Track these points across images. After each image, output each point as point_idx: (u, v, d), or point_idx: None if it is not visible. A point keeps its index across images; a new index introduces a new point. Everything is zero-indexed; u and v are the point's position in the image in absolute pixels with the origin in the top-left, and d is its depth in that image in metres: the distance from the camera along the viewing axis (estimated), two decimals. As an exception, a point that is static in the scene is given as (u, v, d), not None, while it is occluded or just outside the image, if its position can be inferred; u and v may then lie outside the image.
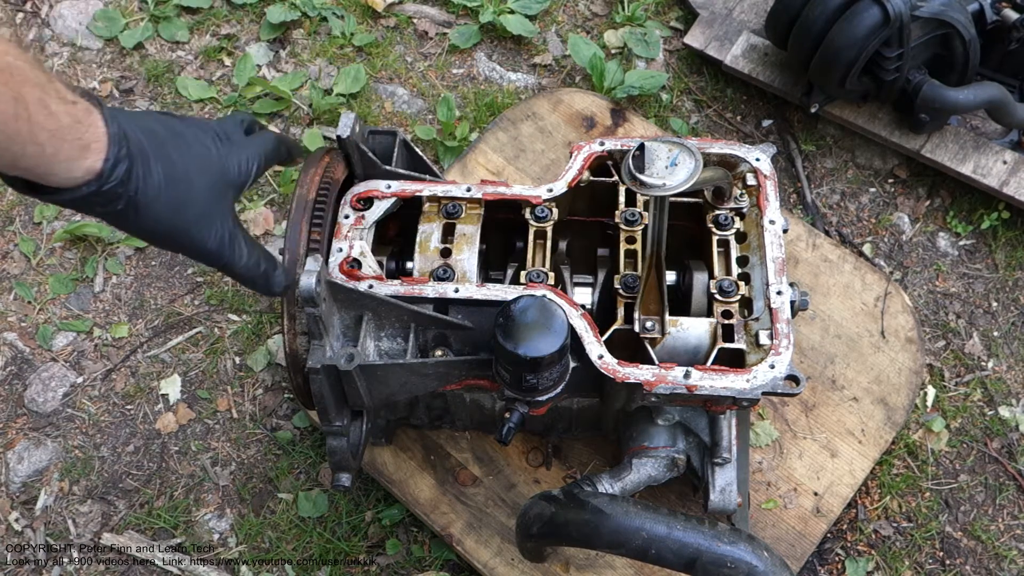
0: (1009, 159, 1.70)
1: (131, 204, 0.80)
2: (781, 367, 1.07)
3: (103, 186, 0.77)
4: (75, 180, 0.76)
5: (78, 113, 0.74)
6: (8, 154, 0.71)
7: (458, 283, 1.15)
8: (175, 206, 0.83)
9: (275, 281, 0.97)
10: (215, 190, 0.88)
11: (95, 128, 0.76)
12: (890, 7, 1.53)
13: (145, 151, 0.81)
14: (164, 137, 0.84)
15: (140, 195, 0.80)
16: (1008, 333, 1.68)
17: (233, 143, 0.92)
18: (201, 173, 0.86)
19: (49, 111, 0.71)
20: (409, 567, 1.50)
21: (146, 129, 0.82)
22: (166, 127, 0.86)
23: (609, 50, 1.98)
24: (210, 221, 0.87)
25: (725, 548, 1.07)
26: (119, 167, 0.77)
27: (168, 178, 0.82)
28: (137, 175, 0.79)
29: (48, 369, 1.68)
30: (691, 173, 1.01)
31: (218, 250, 0.89)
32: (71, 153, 0.74)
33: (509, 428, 1.11)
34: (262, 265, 0.94)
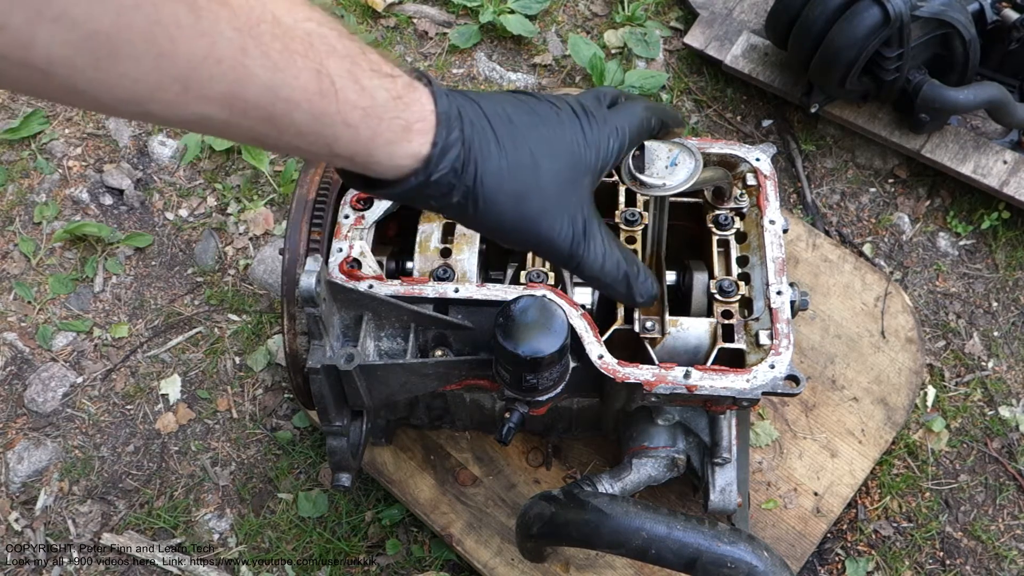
0: (1009, 159, 1.70)
1: (470, 196, 0.69)
2: (781, 367, 1.07)
3: (432, 175, 0.66)
4: (400, 169, 0.66)
5: (397, 88, 0.64)
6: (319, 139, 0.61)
7: (458, 283, 1.15)
8: (520, 196, 0.72)
9: (638, 288, 0.84)
10: (567, 177, 0.75)
11: (419, 106, 0.66)
12: (890, 7, 1.53)
13: (484, 133, 0.70)
14: (508, 116, 0.73)
15: (479, 185, 0.69)
16: (1008, 333, 1.68)
17: (592, 119, 0.79)
18: (551, 157, 0.74)
19: (360, 86, 0.61)
20: (409, 567, 1.50)
21: (487, 109, 0.71)
22: (514, 105, 0.75)
23: (609, 50, 1.98)
24: (561, 212, 0.75)
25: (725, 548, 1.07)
26: (450, 152, 0.67)
27: (511, 164, 0.71)
28: (474, 162, 0.68)
29: (48, 369, 1.68)
30: (691, 173, 1.01)
31: (570, 247, 0.77)
32: (391, 135, 0.64)
33: (509, 428, 1.11)
34: (623, 267, 0.82)
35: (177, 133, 1.92)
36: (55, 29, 0.48)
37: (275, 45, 0.56)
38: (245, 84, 0.56)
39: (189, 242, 1.81)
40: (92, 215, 1.84)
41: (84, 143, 1.93)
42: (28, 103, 1.96)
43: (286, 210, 1.76)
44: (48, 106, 1.96)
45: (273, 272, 1.73)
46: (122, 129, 1.94)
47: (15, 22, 0.47)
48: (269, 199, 1.83)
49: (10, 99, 1.97)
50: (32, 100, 1.97)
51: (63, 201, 1.85)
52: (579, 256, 0.78)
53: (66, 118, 1.95)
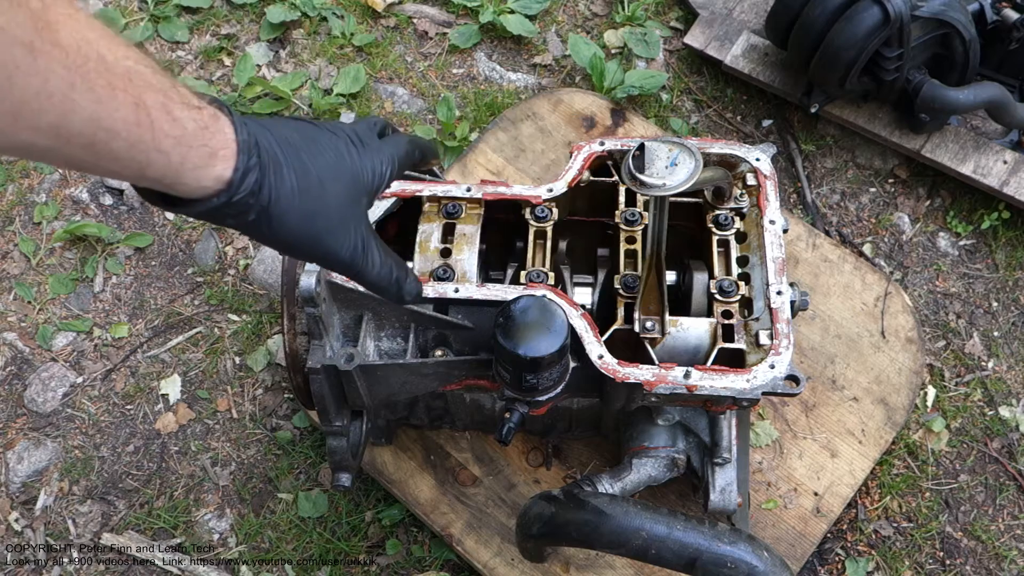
0: (1009, 159, 1.70)
1: (264, 215, 0.76)
2: (781, 367, 1.07)
3: (233, 196, 0.73)
4: (205, 190, 0.72)
5: (204, 118, 0.70)
6: (133, 163, 0.67)
7: (458, 283, 1.15)
8: (308, 215, 0.79)
9: (406, 289, 0.93)
10: (348, 197, 0.84)
11: (223, 134, 0.72)
12: (890, 7, 1.53)
13: (277, 159, 0.77)
14: (297, 143, 0.80)
15: (273, 205, 0.76)
16: (1008, 333, 1.68)
17: (366, 147, 0.88)
18: (334, 180, 0.82)
19: (173, 117, 0.67)
20: (409, 567, 1.50)
21: (278, 136, 0.79)
22: (299, 133, 0.82)
23: (609, 50, 1.98)
24: (344, 230, 0.84)
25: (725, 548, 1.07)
26: (249, 176, 0.73)
27: (301, 187, 0.78)
28: (269, 184, 0.76)
29: (48, 369, 1.68)
30: (691, 173, 1.01)
31: (351, 259, 0.85)
32: (198, 161, 0.70)
33: (509, 428, 1.11)
34: (394, 273, 0.91)
35: (177, 133, 1.92)
36: None
37: (100, 81, 0.61)
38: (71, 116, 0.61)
39: (189, 242, 1.81)
40: (92, 215, 1.84)
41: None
42: (28, 103, 1.96)
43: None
44: (48, 106, 1.96)
45: (273, 272, 1.74)
46: (122, 129, 1.93)
47: None
48: (269, 199, 1.84)
49: (10, 99, 1.97)
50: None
51: (63, 201, 1.85)
52: (359, 266, 0.86)
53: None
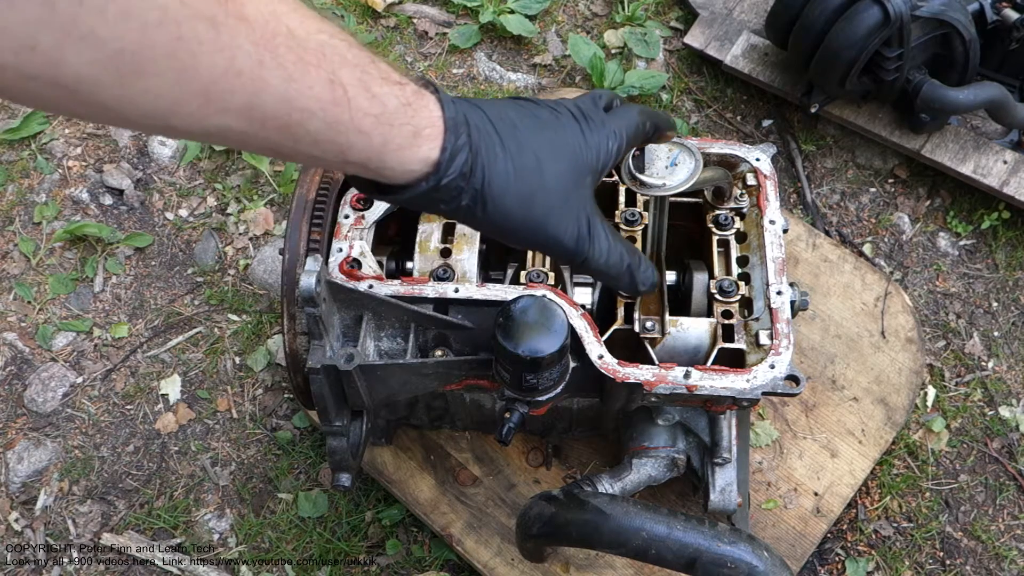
0: (1009, 159, 1.70)
1: (478, 199, 0.72)
2: (781, 367, 1.07)
3: (443, 179, 0.69)
4: (411, 173, 0.68)
5: (407, 95, 0.66)
6: (333, 146, 0.63)
7: (458, 283, 1.15)
8: (527, 197, 0.75)
9: (640, 278, 0.88)
10: (570, 177, 0.79)
11: (427, 112, 0.68)
12: (890, 7, 1.53)
13: (491, 137, 0.72)
14: (512, 120, 0.76)
15: (487, 188, 0.72)
16: (1008, 333, 1.68)
17: (590, 122, 0.83)
18: (554, 159, 0.77)
19: (372, 94, 0.63)
20: (409, 567, 1.50)
21: (492, 113, 0.74)
22: (515, 110, 0.77)
23: (609, 50, 1.98)
24: (566, 212, 0.78)
25: (725, 548, 1.07)
26: (458, 157, 0.69)
27: (517, 167, 0.74)
28: (482, 165, 0.71)
29: (48, 369, 1.68)
30: (691, 173, 1.01)
31: (576, 245, 0.80)
32: (402, 141, 0.66)
33: (509, 428, 1.11)
34: (626, 260, 0.86)
35: (177, 133, 1.92)
36: (83, 48, 0.49)
37: (290, 57, 0.58)
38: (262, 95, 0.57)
39: (189, 242, 1.81)
40: (92, 215, 1.84)
41: (84, 143, 1.93)
42: (28, 103, 1.96)
43: (286, 210, 1.76)
44: (48, 106, 1.96)
45: (273, 272, 1.73)
46: (122, 129, 1.93)
47: (45, 42, 0.48)
48: (269, 199, 1.83)
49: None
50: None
51: (63, 201, 1.85)
52: (584, 253, 0.81)
53: (66, 118, 1.94)
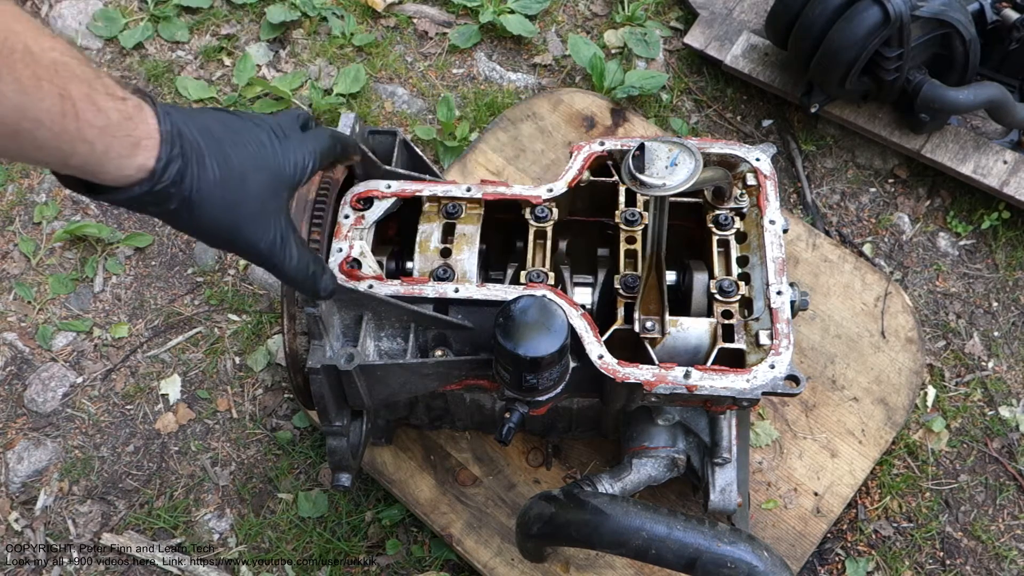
0: (1009, 159, 1.70)
1: (185, 204, 0.77)
2: (781, 367, 1.07)
3: (155, 186, 0.74)
4: (127, 179, 0.73)
5: (128, 109, 0.72)
6: (58, 152, 0.68)
7: (458, 283, 1.15)
8: (229, 205, 0.81)
9: (321, 285, 0.96)
10: (270, 189, 0.86)
11: (146, 125, 0.73)
12: (890, 7, 1.53)
13: (200, 149, 0.78)
14: (220, 134, 0.82)
15: (195, 195, 0.77)
16: (1008, 333, 1.68)
17: (289, 139, 0.89)
18: (256, 171, 0.84)
19: (97, 107, 0.69)
20: (409, 567, 1.50)
21: (202, 127, 0.80)
22: (223, 124, 0.84)
23: (609, 50, 1.98)
24: (264, 221, 0.85)
25: (725, 548, 1.07)
26: (172, 166, 0.75)
27: (223, 177, 0.80)
28: (192, 174, 0.77)
29: (48, 369, 1.68)
30: (691, 173, 1.01)
31: (269, 251, 0.87)
32: (121, 150, 0.71)
33: (509, 428, 1.11)
34: (311, 268, 0.93)
35: (177, 133, 1.92)
36: None
37: (25, 72, 0.63)
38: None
39: (189, 242, 1.81)
40: (92, 215, 1.84)
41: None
42: (28, 103, 1.96)
43: (286, 210, 1.76)
44: (48, 106, 1.96)
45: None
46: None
47: None
48: (269, 199, 1.83)
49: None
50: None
51: (63, 201, 1.85)
52: (277, 258, 0.88)
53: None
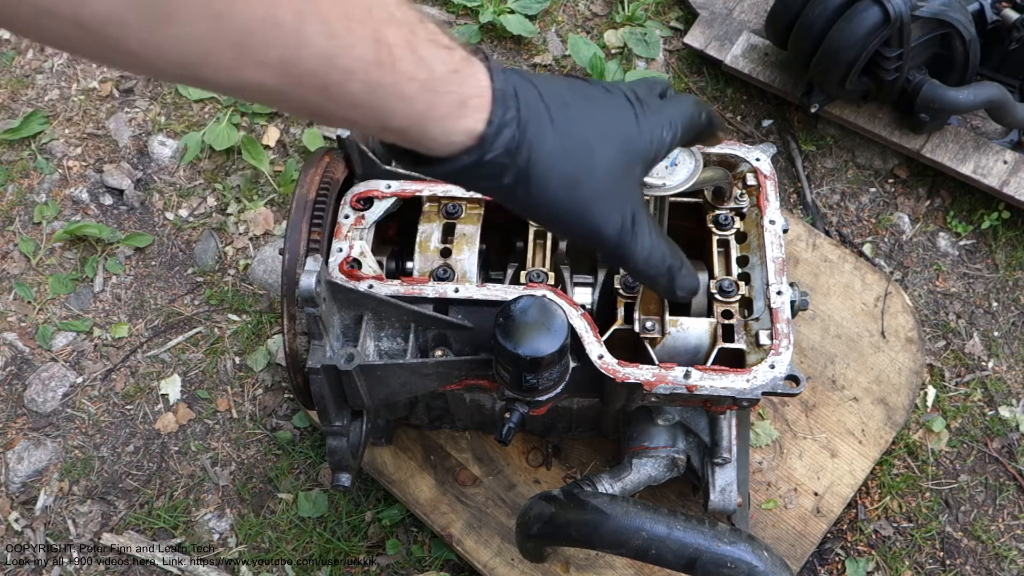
0: (1009, 159, 1.70)
1: (521, 178, 0.67)
2: (781, 367, 1.07)
3: (486, 155, 0.64)
4: (454, 145, 0.63)
5: (455, 61, 0.62)
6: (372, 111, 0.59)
7: (458, 283, 1.15)
8: (573, 182, 0.70)
9: (680, 281, 0.82)
10: (620, 164, 0.73)
11: (476, 81, 0.63)
12: (890, 7, 1.53)
13: (540, 115, 0.68)
14: (565, 99, 0.71)
15: (532, 167, 0.67)
16: (1008, 333, 1.68)
17: (646, 108, 0.77)
18: (604, 142, 0.72)
19: (418, 57, 0.59)
20: (409, 567, 1.50)
21: (545, 90, 0.69)
22: (570, 89, 0.73)
23: (609, 50, 1.98)
24: (612, 200, 0.73)
25: (725, 548, 1.07)
26: (504, 132, 0.65)
27: (565, 148, 0.69)
28: (529, 143, 0.66)
29: (48, 369, 1.68)
30: (691, 173, 1.01)
31: (618, 237, 0.75)
32: (446, 109, 0.61)
33: (509, 428, 1.11)
34: (667, 260, 0.80)
35: (177, 133, 1.92)
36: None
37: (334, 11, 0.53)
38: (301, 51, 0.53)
39: (189, 242, 1.81)
40: (92, 215, 1.84)
41: (84, 143, 1.93)
42: (28, 103, 1.96)
43: (286, 210, 1.76)
44: (48, 106, 1.96)
45: (273, 272, 1.73)
46: (122, 129, 1.94)
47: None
48: (269, 199, 1.83)
49: (10, 99, 1.97)
50: (33, 99, 1.96)
51: (63, 201, 1.85)
52: (625, 246, 0.76)
53: (66, 118, 1.95)
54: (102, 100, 1.97)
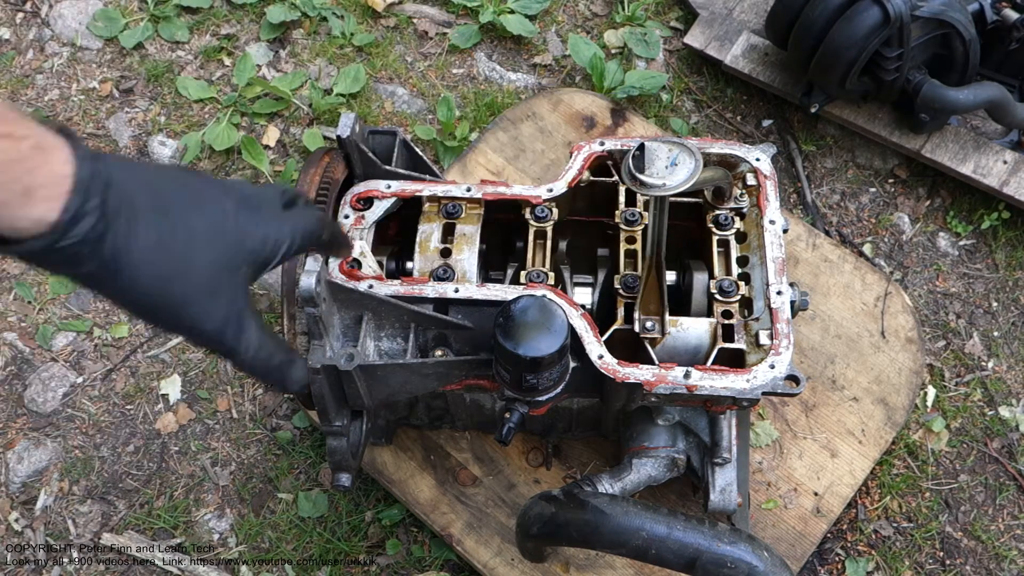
0: (1009, 159, 1.70)
1: (105, 269, 0.66)
2: (781, 367, 1.07)
3: (58, 242, 0.63)
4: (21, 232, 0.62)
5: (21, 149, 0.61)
6: None
7: (458, 283, 1.15)
8: (165, 277, 0.69)
9: (291, 377, 0.84)
10: (223, 264, 0.74)
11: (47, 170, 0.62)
12: (890, 7, 1.53)
13: (134, 207, 0.67)
14: (170, 194, 0.71)
15: (119, 258, 0.66)
16: (1008, 333, 1.68)
17: (262, 214, 0.78)
18: (209, 242, 0.72)
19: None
20: (409, 567, 1.50)
21: (146, 182, 0.70)
22: (178, 183, 0.73)
23: (609, 50, 1.98)
24: (211, 300, 0.73)
25: (725, 548, 1.07)
26: (84, 221, 0.63)
27: (161, 244, 0.68)
28: (116, 234, 0.65)
29: (48, 369, 1.68)
30: (691, 173, 1.01)
31: (219, 336, 0.75)
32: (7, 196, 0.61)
33: (509, 428, 1.11)
34: (276, 357, 0.81)
35: (176, 133, 1.92)
36: None
37: None
38: None
39: (189, 242, 1.81)
40: (92, 215, 1.84)
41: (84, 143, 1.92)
42: (28, 103, 1.96)
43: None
44: (48, 106, 1.96)
45: (273, 272, 1.73)
46: (122, 129, 1.94)
47: None
48: (269, 199, 1.83)
49: (10, 99, 1.97)
50: (33, 99, 1.97)
51: (63, 201, 1.85)
52: (228, 344, 0.76)
53: (66, 118, 1.95)
54: (102, 100, 1.97)
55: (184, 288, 0.71)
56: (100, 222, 0.65)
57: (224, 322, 0.75)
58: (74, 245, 0.64)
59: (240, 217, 0.76)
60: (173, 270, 0.70)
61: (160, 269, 0.69)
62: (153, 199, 0.69)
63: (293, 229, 0.81)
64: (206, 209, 0.73)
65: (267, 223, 0.78)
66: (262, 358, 0.79)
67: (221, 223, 0.74)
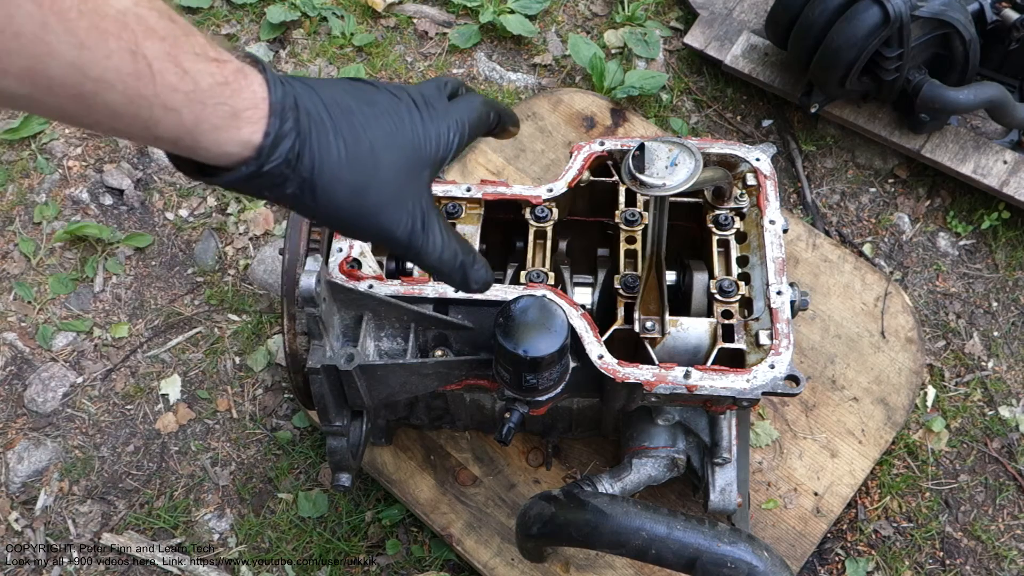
0: (1009, 159, 1.70)
1: (306, 187, 0.68)
2: (781, 367, 1.07)
3: (264, 165, 0.65)
4: (230, 156, 0.64)
5: (224, 73, 0.62)
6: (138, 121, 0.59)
7: (458, 283, 1.15)
8: (359, 188, 0.71)
9: (473, 275, 0.85)
10: (406, 168, 0.75)
11: (249, 93, 0.63)
12: (890, 7, 1.53)
13: (322, 124, 0.69)
14: (349, 107, 0.72)
15: (317, 176, 0.68)
16: (1008, 333, 1.68)
17: (432, 111, 0.79)
18: (390, 148, 0.74)
19: (182, 69, 0.59)
20: (409, 567, 1.50)
21: (328, 98, 0.70)
22: (354, 95, 0.74)
23: (609, 50, 1.98)
24: (400, 205, 0.75)
25: (725, 548, 1.07)
26: (283, 142, 0.65)
27: (350, 156, 0.70)
28: (311, 152, 0.67)
29: (48, 369, 1.68)
30: (691, 173, 1.01)
31: (408, 239, 0.77)
32: (217, 121, 0.62)
33: (509, 428, 1.11)
34: (459, 257, 0.83)
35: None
36: None
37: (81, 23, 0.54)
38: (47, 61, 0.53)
39: (189, 242, 1.81)
40: (92, 215, 1.84)
41: (84, 143, 1.93)
42: (28, 103, 1.96)
43: (286, 210, 1.76)
44: (48, 106, 1.96)
45: (273, 272, 1.73)
46: (122, 129, 1.93)
47: None
48: (269, 199, 1.83)
49: (10, 99, 1.97)
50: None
51: (63, 201, 1.85)
52: (417, 247, 0.79)
53: (66, 118, 1.95)
54: (102, 100, 1.97)
55: (375, 198, 0.73)
56: (296, 142, 0.66)
57: (412, 226, 0.77)
58: (278, 167, 0.66)
59: (414, 120, 0.77)
60: (363, 182, 0.72)
61: (352, 182, 0.71)
62: (335, 113, 0.70)
63: (461, 121, 0.82)
64: (384, 117, 0.75)
65: (439, 121, 0.79)
66: (447, 259, 0.81)
67: (399, 129, 0.75)
